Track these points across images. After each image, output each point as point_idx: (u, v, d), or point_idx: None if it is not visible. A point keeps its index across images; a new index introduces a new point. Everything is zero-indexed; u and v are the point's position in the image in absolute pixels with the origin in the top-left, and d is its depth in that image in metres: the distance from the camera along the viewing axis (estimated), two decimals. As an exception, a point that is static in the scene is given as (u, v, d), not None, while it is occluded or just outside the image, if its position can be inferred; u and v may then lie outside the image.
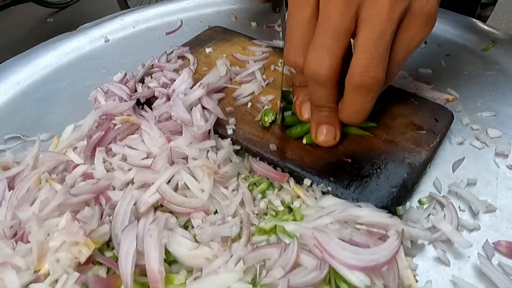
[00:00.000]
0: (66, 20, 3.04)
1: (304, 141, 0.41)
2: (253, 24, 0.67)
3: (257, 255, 0.31)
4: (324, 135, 0.40)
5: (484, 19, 2.02)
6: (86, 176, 0.40)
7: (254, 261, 0.31)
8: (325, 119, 0.40)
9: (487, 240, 0.36)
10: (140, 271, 0.33)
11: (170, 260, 0.34)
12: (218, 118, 0.44)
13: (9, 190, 0.39)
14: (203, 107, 0.45)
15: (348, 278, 0.30)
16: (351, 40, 0.36)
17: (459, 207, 0.39)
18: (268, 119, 0.43)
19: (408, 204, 0.38)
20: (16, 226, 0.36)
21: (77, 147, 0.43)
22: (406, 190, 0.38)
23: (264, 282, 0.30)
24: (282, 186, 0.40)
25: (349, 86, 0.36)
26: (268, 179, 0.40)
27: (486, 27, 0.61)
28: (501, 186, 0.40)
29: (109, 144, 0.43)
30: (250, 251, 0.32)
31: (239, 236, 0.34)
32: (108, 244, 0.35)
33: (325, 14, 0.34)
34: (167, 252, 0.33)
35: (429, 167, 0.42)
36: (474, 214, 0.38)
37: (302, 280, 0.29)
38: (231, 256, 0.32)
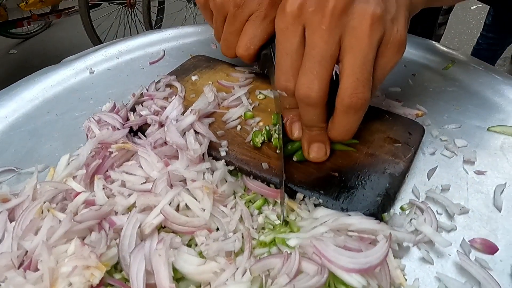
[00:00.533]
0: (30, 51, 3.00)
1: (295, 159, 0.45)
2: (233, 51, 0.71)
3: (262, 265, 0.34)
4: (316, 152, 0.44)
5: (438, 38, 2.17)
6: (88, 203, 0.41)
7: (260, 271, 0.33)
8: (316, 137, 0.43)
9: (463, 238, 0.40)
10: (150, 290, 0.34)
11: (177, 278, 0.36)
12: (211, 141, 0.47)
13: (10, 222, 0.40)
14: (196, 132, 0.48)
15: (346, 280, 0.33)
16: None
17: (437, 211, 0.43)
18: (259, 140, 0.46)
19: (392, 211, 0.42)
20: (21, 256, 0.37)
21: (76, 176, 0.44)
22: (389, 198, 0.42)
23: (272, 288, 0.32)
24: (276, 201, 0.42)
25: (340, 107, 0.39)
26: (262, 195, 0.43)
27: (445, 49, 0.67)
28: (471, 189, 0.45)
29: (106, 171, 0.45)
30: (254, 263, 0.34)
31: (241, 250, 0.37)
32: (116, 267, 0.36)
33: (311, 43, 0.38)
34: (174, 270, 0.35)
35: (407, 176, 0.46)
36: (450, 216, 0.42)
37: (306, 285, 0.32)
38: (237, 268, 0.34)
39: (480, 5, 2.57)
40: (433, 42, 0.69)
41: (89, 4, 2.60)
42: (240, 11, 0.51)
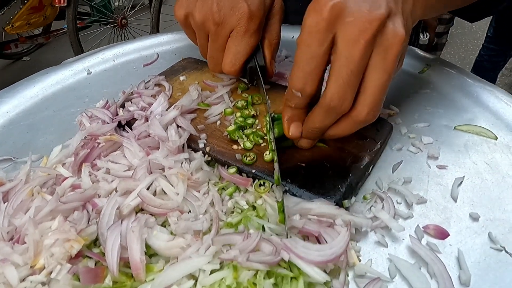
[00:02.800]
0: (18, 73, 3.04)
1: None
2: (222, 55, 0.75)
3: (224, 239, 0.37)
4: (307, 142, 0.48)
5: (440, 47, 2.19)
6: (74, 187, 0.45)
7: (221, 244, 0.37)
8: (318, 135, 0.46)
9: (418, 225, 0.43)
10: (124, 263, 0.38)
11: (150, 254, 0.39)
12: (191, 134, 0.51)
13: (4, 203, 0.44)
14: (178, 126, 0.52)
15: (312, 275, 0.35)
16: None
17: (397, 200, 0.46)
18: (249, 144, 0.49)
19: (353, 199, 0.45)
20: (12, 231, 0.41)
21: (65, 163, 0.48)
22: (351, 187, 0.45)
23: (223, 256, 0.35)
24: (247, 189, 0.46)
25: (355, 120, 0.42)
26: (235, 184, 0.46)
27: (422, 53, 0.71)
28: (432, 182, 0.48)
29: (94, 160, 0.49)
30: (217, 236, 0.37)
31: (209, 230, 0.40)
32: (95, 243, 0.40)
33: (347, 54, 0.38)
34: (147, 246, 0.39)
35: (372, 168, 0.49)
36: (409, 205, 0.45)
37: (260, 259, 0.35)
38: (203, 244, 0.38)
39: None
40: (412, 47, 0.72)
41: (78, 26, 2.60)
42: (221, 28, 0.52)
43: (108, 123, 0.53)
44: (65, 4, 2.36)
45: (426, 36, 1.64)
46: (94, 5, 2.80)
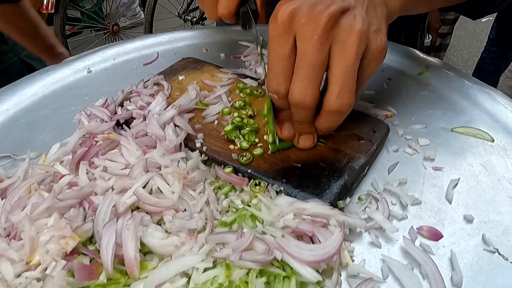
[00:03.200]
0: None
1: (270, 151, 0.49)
2: (222, 55, 0.76)
3: (217, 238, 0.38)
4: (304, 142, 0.49)
5: (444, 48, 2.19)
6: (71, 185, 0.46)
7: (214, 242, 0.37)
8: (305, 130, 0.48)
9: (412, 226, 0.43)
10: (119, 260, 0.38)
11: (145, 252, 0.40)
12: (188, 133, 0.51)
13: (2, 199, 0.45)
14: (175, 125, 0.52)
15: (304, 275, 0.35)
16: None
17: (391, 201, 0.46)
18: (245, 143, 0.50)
19: (348, 199, 0.45)
20: (9, 228, 0.41)
21: (63, 161, 0.49)
22: (346, 188, 0.45)
23: (216, 255, 0.36)
24: (242, 189, 0.46)
25: (327, 110, 0.44)
26: (230, 183, 0.47)
27: (421, 55, 0.71)
28: (427, 183, 0.48)
29: (91, 158, 0.50)
30: (211, 235, 0.38)
31: (204, 229, 0.41)
32: (91, 240, 0.41)
33: (304, 51, 0.41)
34: (142, 244, 0.39)
35: (367, 169, 0.49)
36: (403, 207, 0.45)
37: (252, 257, 0.35)
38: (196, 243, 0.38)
39: (491, 18, 2.58)
40: (411, 48, 0.72)
41: (69, 32, 2.57)
42: None
43: (106, 121, 0.54)
44: (53, 11, 2.34)
45: (429, 38, 1.64)
46: (85, 11, 2.78)
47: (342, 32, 0.41)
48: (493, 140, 0.53)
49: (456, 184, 0.48)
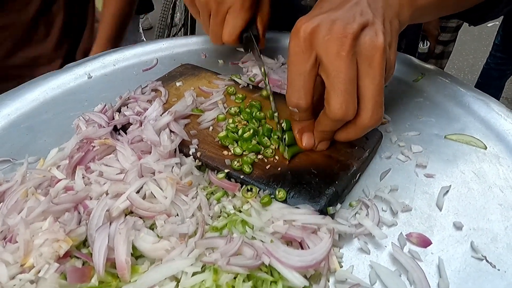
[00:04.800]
0: None
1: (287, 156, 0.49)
2: (220, 61, 0.77)
3: (207, 242, 0.38)
4: (324, 146, 0.51)
5: (447, 55, 2.18)
6: (67, 189, 0.47)
7: (204, 247, 0.38)
8: (328, 137, 0.50)
9: (401, 233, 0.43)
10: (111, 264, 0.39)
11: (137, 256, 0.41)
12: (183, 139, 0.52)
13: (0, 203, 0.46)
14: (171, 131, 0.53)
15: (291, 280, 0.36)
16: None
17: (382, 208, 0.47)
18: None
19: (339, 206, 0.45)
20: (5, 231, 0.42)
21: (60, 165, 0.50)
22: (337, 195, 0.46)
23: (205, 259, 0.36)
24: (235, 194, 0.47)
25: (361, 126, 0.45)
26: (223, 189, 0.47)
27: (417, 62, 0.71)
28: (418, 190, 0.49)
29: (88, 163, 0.50)
30: (201, 239, 0.38)
31: (195, 234, 0.41)
32: (84, 244, 0.41)
33: (335, 68, 0.42)
34: (134, 248, 0.40)
35: (359, 176, 0.50)
36: (394, 213, 0.46)
37: (240, 262, 0.36)
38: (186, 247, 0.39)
39: (497, 22, 2.58)
40: (407, 55, 0.73)
41: None
42: (221, 6, 0.62)
43: (104, 127, 0.55)
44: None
45: (427, 45, 1.63)
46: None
47: (366, 48, 0.42)
48: (485, 148, 0.54)
49: (447, 191, 0.48)
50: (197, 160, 0.50)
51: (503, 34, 2.25)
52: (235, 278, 0.36)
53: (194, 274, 0.37)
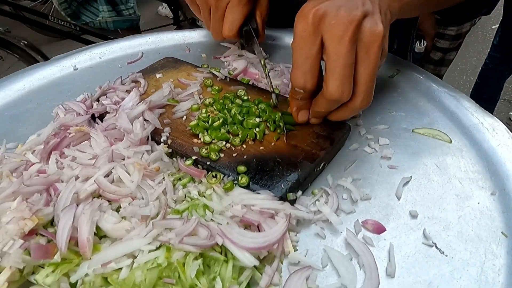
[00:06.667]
0: None
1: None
2: (203, 55, 0.78)
3: (164, 223, 0.40)
4: (316, 121, 0.54)
5: (447, 63, 2.17)
6: (40, 173, 0.48)
7: (161, 227, 0.40)
8: (323, 115, 0.54)
9: (357, 220, 0.45)
10: (75, 242, 0.41)
11: (101, 235, 0.42)
12: (156, 127, 0.54)
13: (-24, 185, 0.48)
14: (145, 120, 0.55)
15: (241, 260, 0.38)
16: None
17: (343, 196, 0.48)
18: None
19: (300, 193, 0.47)
20: (-23, 211, 0.44)
21: (35, 150, 0.52)
22: (298, 182, 0.47)
23: (160, 238, 0.38)
24: (201, 180, 0.49)
25: (351, 108, 0.50)
26: (190, 175, 0.49)
27: (393, 58, 0.72)
28: (380, 180, 0.50)
29: (63, 149, 0.52)
30: (158, 220, 0.40)
31: (157, 216, 0.43)
32: (52, 223, 0.43)
33: (337, 52, 0.45)
34: (98, 228, 0.42)
35: (324, 166, 0.51)
36: (353, 202, 0.47)
37: (194, 242, 0.38)
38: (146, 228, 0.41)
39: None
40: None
41: None
42: (220, 2, 0.65)
43: (82, 115, 0.57)
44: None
45: (423, 44, 1.64)
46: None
47: (367, 36, 0.45)
48: (451, 141, 0.55)
49: (408, 182, 0.49)
50: (167, 147, 0.52)
51: (502, 35, 2.25)
52: (186, 256, 0.37)
53: (149, 252, 0.38)
